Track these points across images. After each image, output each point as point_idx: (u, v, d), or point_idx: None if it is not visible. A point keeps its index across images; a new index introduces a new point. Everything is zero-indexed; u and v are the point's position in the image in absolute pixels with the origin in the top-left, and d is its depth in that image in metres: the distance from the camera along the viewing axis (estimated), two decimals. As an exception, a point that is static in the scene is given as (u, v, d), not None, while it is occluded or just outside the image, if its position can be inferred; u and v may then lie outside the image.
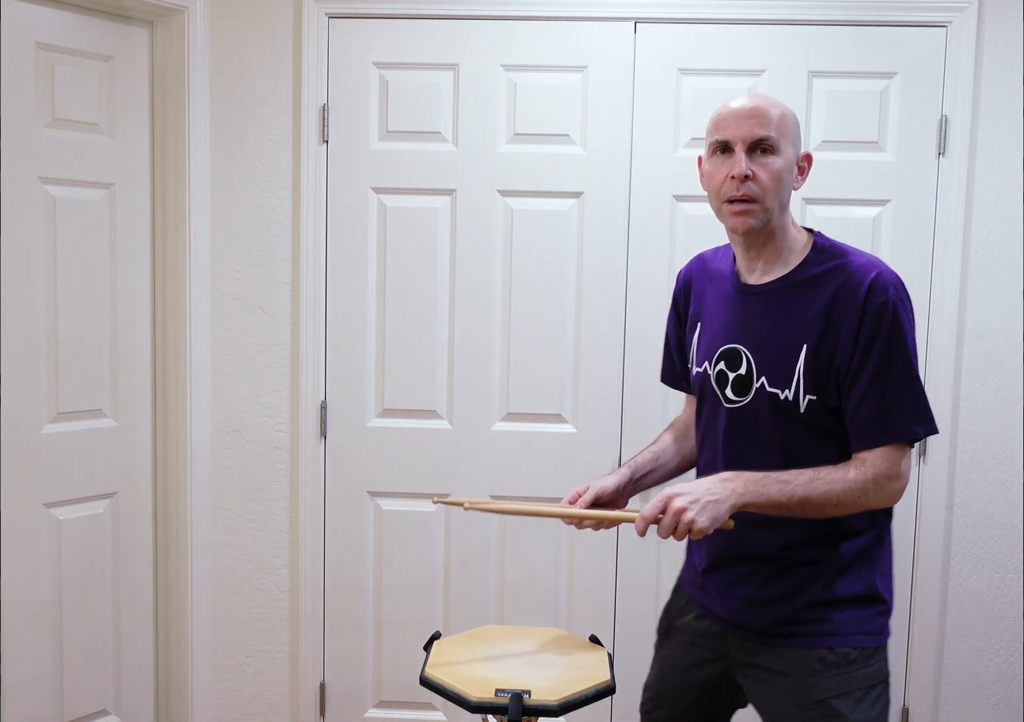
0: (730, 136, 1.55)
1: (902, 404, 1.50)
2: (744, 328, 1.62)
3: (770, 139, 1.53)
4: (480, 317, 2.54)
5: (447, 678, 1.72)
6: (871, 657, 1.57)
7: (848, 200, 2.46)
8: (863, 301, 1.50)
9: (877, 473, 1.49)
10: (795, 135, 1.58)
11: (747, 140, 1.53)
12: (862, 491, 1.49)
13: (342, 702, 2.65)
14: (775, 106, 1.56)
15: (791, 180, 1.58)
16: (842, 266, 1.55)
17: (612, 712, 2.60)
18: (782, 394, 1.56)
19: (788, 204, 1.59)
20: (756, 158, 1.54)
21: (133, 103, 2.46)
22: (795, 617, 1.58)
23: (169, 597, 2.60)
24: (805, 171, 1.62)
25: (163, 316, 2.54)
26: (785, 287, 1.58)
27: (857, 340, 1.50)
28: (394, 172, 2.52)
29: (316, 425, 2.57)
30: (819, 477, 1.48)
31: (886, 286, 1.51)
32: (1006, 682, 2.55)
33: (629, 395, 2.53)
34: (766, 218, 1.56)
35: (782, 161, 1.55)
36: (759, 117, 1.54)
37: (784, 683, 1.58)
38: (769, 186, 1.54)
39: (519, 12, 2.45)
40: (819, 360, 1.53)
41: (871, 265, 1.54)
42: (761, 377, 1.58)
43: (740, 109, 1.55)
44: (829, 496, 1.48)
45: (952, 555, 2.52)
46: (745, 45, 2.44)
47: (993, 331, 2.46)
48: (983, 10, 2.39)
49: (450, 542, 2.59)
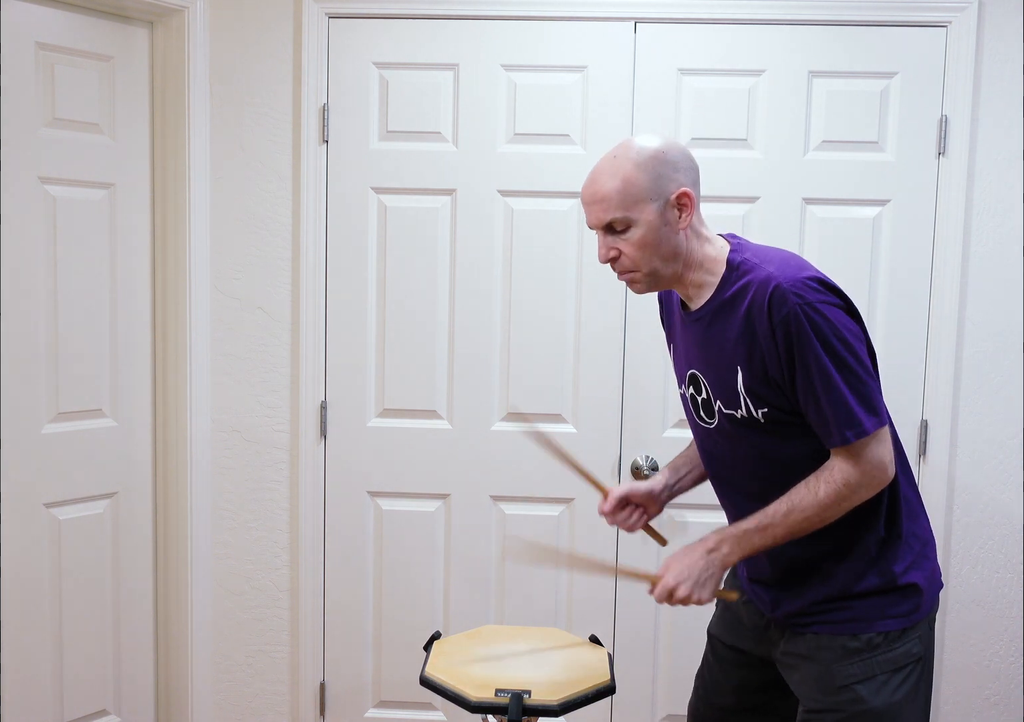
0: (589, 223, 1.60)
1: (831, 411, 1.49)
2: (695, 354, 1.66)
3: (615, 220, 1.55)
4: (480, 317, 2.54)
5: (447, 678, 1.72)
6: (896, 640, 1.58)
7: (848, 200, 2.46)
8: (768, 317, 1.49)
9: (847, 479, 1.50)
10: (650, 191, 1.54)
11: (599, 226, 1.57)
12: (839, 499, 1.51)
13: (342, 702, 2.65)
14: (612, 177, 1.54)
15: (665, 234, 1.56)
16: (748, 284, 1.53)
17: (612, 712, 2.60)
18: (738, 414, 1.59)
19: (677, 253, 1.57)
20: (617, 237, 1.57)
21: (133, 103, 2.46)
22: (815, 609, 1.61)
23: (169, 597, 2.60)
24: (688, 207, 1.57)
25: (163, 316, 2.54)
26: (711, 313, 1.60)
27: (779, 355, 1.50)
28: (394, 172, 2.52)
29: (316, 425, 2.57)
30: (794, 508, 1.52)
31: (784, 297, 1.47)
32: (1006, 682, 2.55)
33: (629, 395, 2.53)
34: (652, 280, 1.60)
35: (641, 230, 1.55)
36: (599, 203, 1.56)
37: (809, 668, 1.61)
38: (635, 256, 1.57)
39: (519, 12, 2.45)
40: (755, 377, 1.54)
41: (770, 278, 1.50)
42: (717, 401, 1.62)
43: (585, 195, 1.59)
44: (810, 521, 1.53)
45: (952, 555, 2.52)
46: (745, 45, 2.44)
47: (993, 331, 2.46)
48: (983, 10, 2.39)
49: (450, 542, 2.59)
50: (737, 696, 1.79)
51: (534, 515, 2.56)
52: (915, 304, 2.47)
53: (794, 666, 1.64)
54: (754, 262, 1.55)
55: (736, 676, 1.79)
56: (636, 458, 2.52)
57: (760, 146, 2.46)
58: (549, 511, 2.56)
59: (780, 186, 2.46)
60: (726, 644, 1.80)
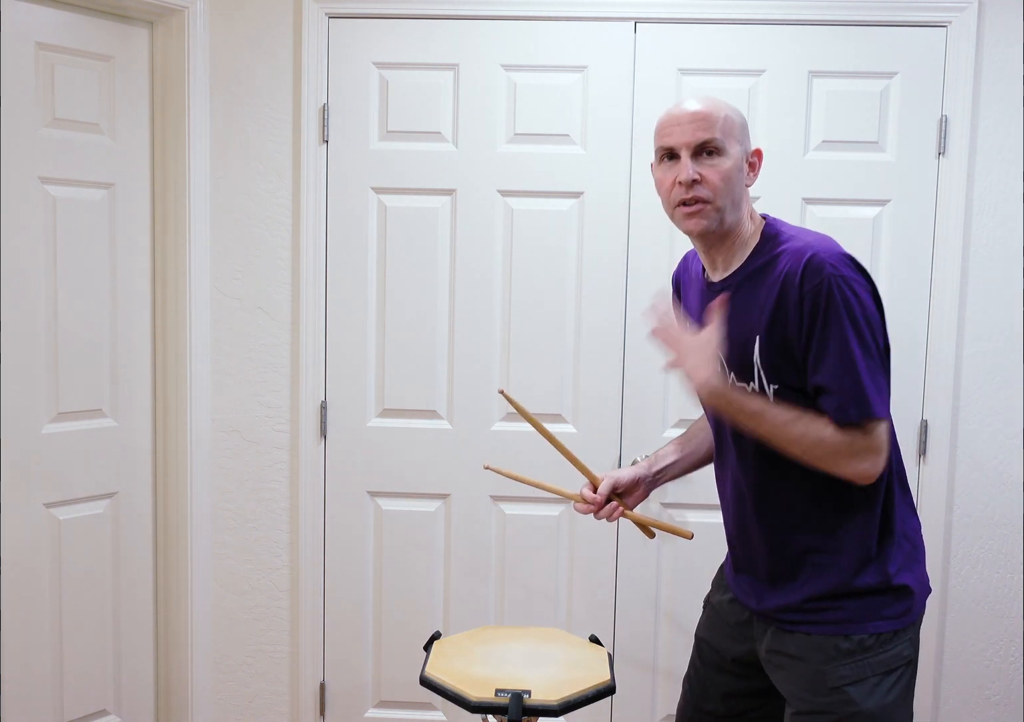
0: (674, 142, 1.57)
1: (844, 385, 1.49)
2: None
3: (714, 141, 1.55)
4: (480, 317, 2.54)
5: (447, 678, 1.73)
6: (888, 642, 1.57)
7: (848, 200, 2.46)
8: (799, 285, 1.49)
9: (850, 446, 1.49)
10: (741, 134, 1.59)
11: (691, 145, 1.55)
12: (832, 452, 1.49)
13: (342, 702, 2.65)
14: (718, 108, 1.57)
15: (741, 178, 1.59)
16: (782, 253, 1.54)
17: (612, 712, 2.60)
18: (748, 387, 1.57)
19: (742, 201, 1.59)
20: (703, 161, 1.55)
21: (133, 103, 2.46)
22: (808, 606, 1.59)
23: (169, 597, 2.60)
24: (756, 167, 1.63)
25: (163, 316, 2.54)
26: (738, 282, 1.60)
27: (801, 324, 1.50)
28: (394, 172, 2.52)
29: (316, 425, 2.57)
30: (796, 422, 1.50)
31: (821, 266, 1.48)
32: (1006, 682, 2.55)
33: (629, 395, 2.53)
34: (719, 218, 1.57)
35: (730, 161, 1.56)
36: (701, 121, 1.55)
37: (799, 669, 1.59)
38: (719, 186, 1.55)
39: (519, 12, 2.45)
40: (772, 349, 1.53)
41: (807, 247, 1.52)
42: (731, 373, 1.60)
43: (682, 114, 1.57)
44: (796, 444, 1.51)
45: (952, 555, 2.52)
46: (745, 45, 2.44)
47: (993, 331, 2.46)
48: (983, 10, 2.39)
49: (450, 542, 2.59)
50: (724, 701, 1.78)
51: (534, 515, 2.57)
52: (915, 304, 2.47)
53: (781, 665, 1.63)
54: (789, 234, 1.58)
55: (722, 681, 1.77)
56: (636, 458, 2.52)
57: (760, 146, 2.45)
58: (549, 511, 2.56)
59: (780, 186, 2.46)
60: (712, 647, 1.79)
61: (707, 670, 1.80)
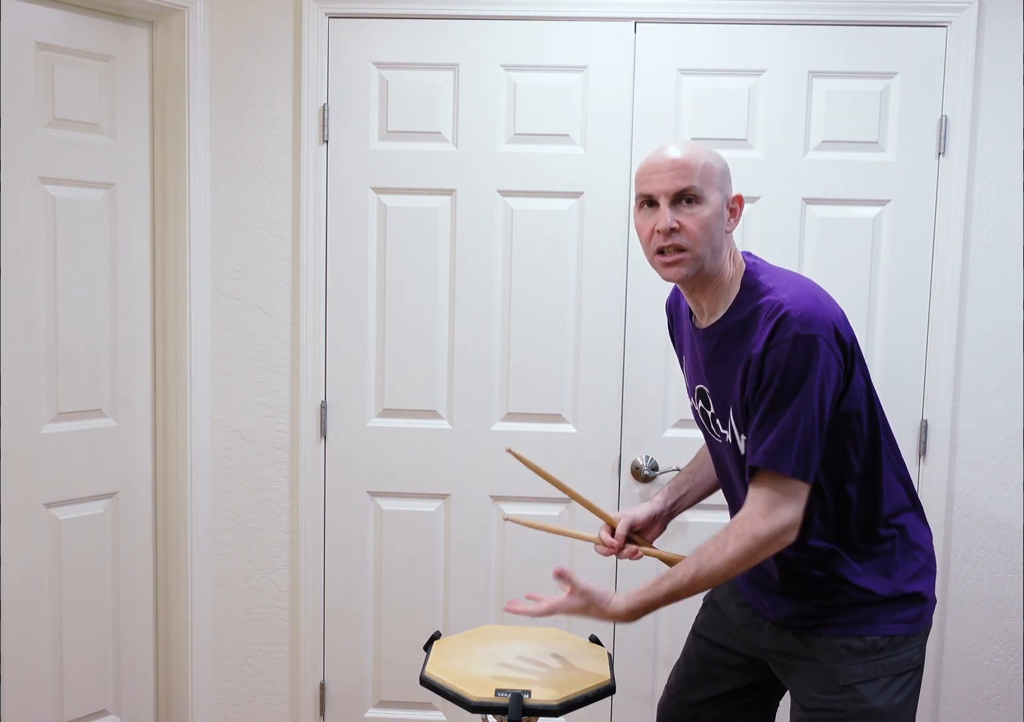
0: (653, 190, 1.56)
1: (767, 432, 1.49)
2: (702, 370, 1.66)
3: (693, 189, 1.54)
4: (480, 317, 2.54)
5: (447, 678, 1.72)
6: (900, 645, 1.59)
7: (848, 200, 2.46)
8: (766, 342, 1.49)
9: (755, 531, 1.49)
10: (721, 180, 1.57)
11: (670, 193, 1.54)
12: (747, 555, 1.51)
13: (342, 702, 2.65)
14: (697, 155, 1.56)
15: (721, 225, 1.57)
16: (759, 308, 1.53)
17: (612, 712, 2.60)
18: (728, 436, 1.61)
19: (722, 248, 1.58)
20: (681, 209, 1.54)
21: (133, 103, 2.46)
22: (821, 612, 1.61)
23: (169, 597, 2.60)
24: (737, 213, 1.61)
25: (163, 316, 2.54)
26: (721, 332, 1.60)
27: (760, 376, 1.50)
28: (394, 172, 2.52)
29: (316, 425, 2.57)
30: (702, 567, 1.52)
31: (789, 325, 1.47)
32: (1006, 682, 2.55)
33: (629, 395, 2.53)
34: (698, 266, 1.56)
35: (709, 209, 1.55)
36: (680, 169, 1.54)
37: (811, 668, 1.61)
38: (697, 235, 1.54)
39: (519, 12, 2.45)
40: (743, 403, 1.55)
41: (782, 304, 1.50)
42: (717, 418, 1.63)
43: (661, 162, 1.56)
44: (717, 577, 1.53)
45: (952, 555, 2.52)
46: (745, 45, 2.44)
47: (993, 331, 2.46)
48: (983, 10, 2.39)
49: (450, 542, 2.59)
50: (715, 694, 1.79)
51: (534, 515, 2.56)
52: (915, 304, 2.47)
53: (792, 666, 1.64)
54: (769, 286, 1.55)
55: (720, 675, 1.78)
56: (636, 458, 2.52)
57: (760, 146, 2.46)
58: (549, 511, 2.56)
59: (780, 186, 2.46)
60: (714, 643, 1.79)
61: (705, 665, 1.81)
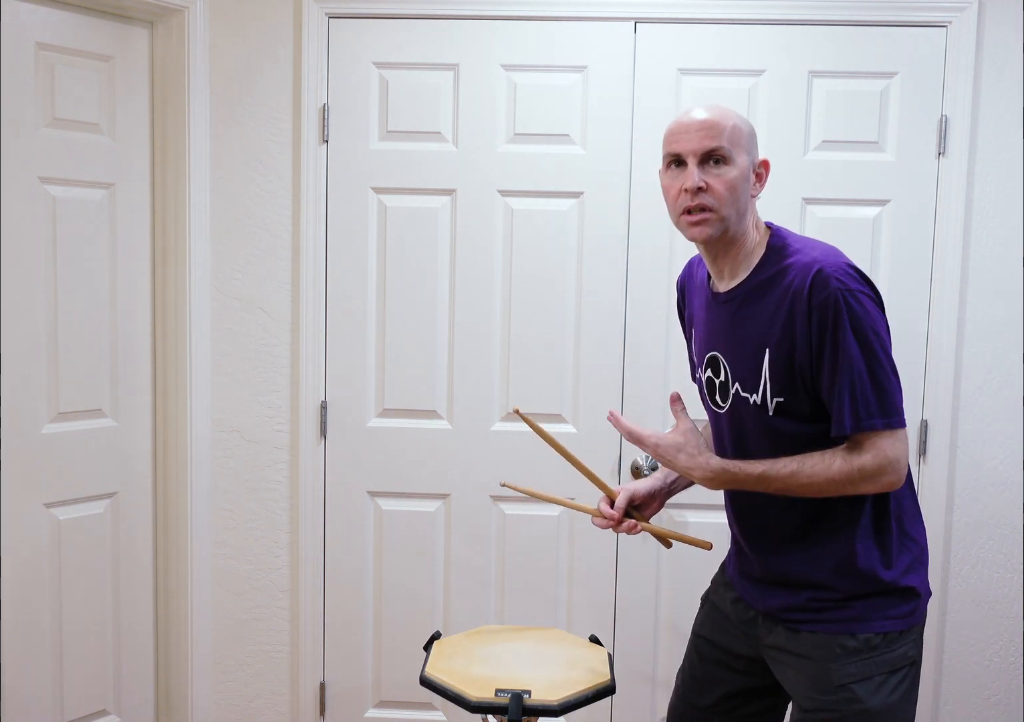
0: (682, 149, 1.57)
1: (850, 398, 1.50)
2: (719, 336, 1.66)
3: (721, 150, 1.56)
4: (480, 317, 2.54)
5: (447, 678, 1.73)
6: (895, 641, 1.58)
7: (848, 200, 2.46)
8: (807, 299, 1.50)
9: (863, 465, 1.51)
10: (749, 144, 1.60)
11: (698, 153, 1.56)
12: (847, 481, 1.51)
13: (342, 702, 2.65)
14: (726, 117, 1.58)
15: (747, 188, 1.59)
16: (788, 267, 1.55)
17: (612, 712, 2.60)
18: (751, 398, 1.59)
19: (747, 211, 1.60)
20: (709, 169, 1.56)
21: (133, 103, 2.46)
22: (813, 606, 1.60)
23: (169, 597, 2.60)
24: (763, 177, 1.64)
25: (163, 316, 2.54)
26: (744, 293, 1.61)
27: (810, 339, 1.51)
28: (394, 172, 2.52)
29: (316, 425, 2.57)
30: (801, 472, 1.52)
31: (827, 280, 1.50)
32: (1006, 682, 2.55)
33: (629, 395, 2.53)
34: (723, 227, 1.58)
35: (736, 171, 1.57)
36: (709, 129, 1.56)
37: (806, 667, 1.60)
38: (724, 195, 1.56)
39: (519, 12, 2.45)
40: (780, 363, 1.55)
41: (814, 262, 1.53)
42: (735, 383, 1.62)
43: (690, 122, 1.58)
44: (810, 489, 1.53)
45: (952, 555, 2.52)
46: (745, 45, 2.44)
47: (993, 331, 2.46)
48: (983, 10, 2.39)
49: (450, 542, 2.59)
50: (720, 698, 1.78)
51: (534, 515, 2.57)
52: (915, 304, 2.47)
53: (788, 663, 1.64)
54: (796, 247, 1.58)
55: (720, 676, 1.78)
56: (636, 458, 2.52)
57: (760, 146, 2.45)
58: (549, 511, 2.56)
59: (780, 186, 2.45)
60: (713, 643, 1.79)
61: (705, 666, 1.80)
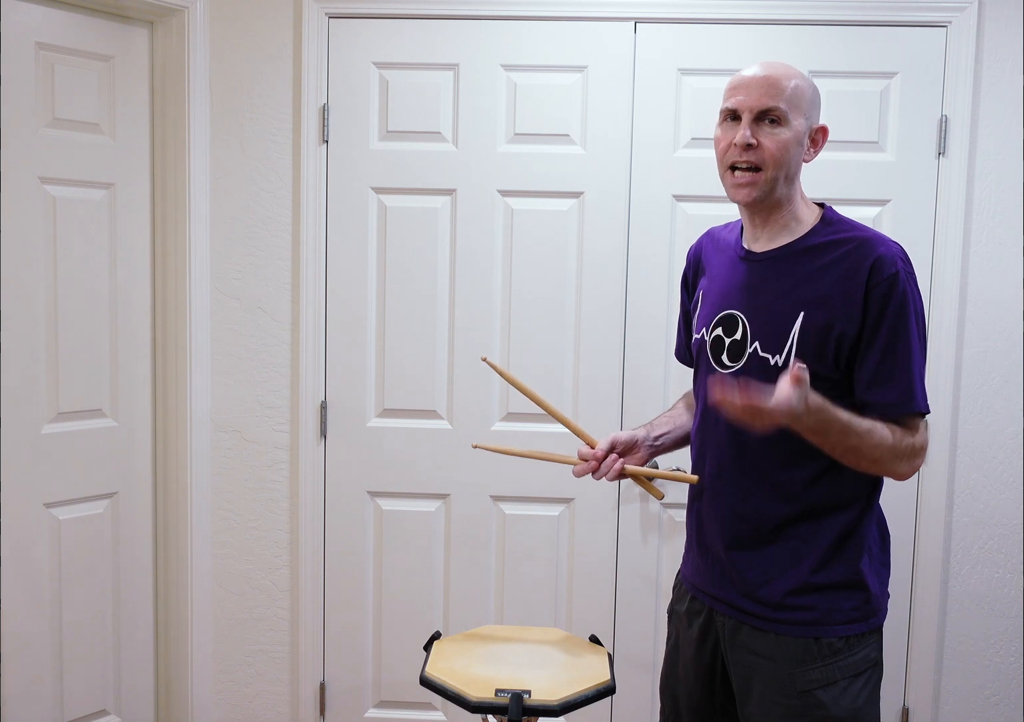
0: (738, 104, 1.55)
1: (916, 379, 1.52)
2: (743, 294, 1.62)
3: (777, 110, 1.53)
4: (480, 317, 2.54)
5: (447, 678, 1.73)
6: (856, 645, 1.57)
7: (848, 200, 2.45)
8: (868, 276, 1.50)
9: (912, 443, 1.52)
10: (809, 107, 1.57)
11: (754, 109, 1.53)
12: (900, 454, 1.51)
13: (342, 702, 2.65)
14: (790, 76, 1.55)
15: (800, 152, 1.57)
16: (848, 239, 1.55)
17: (612, 712, 2.60)
18: (772, 359, 1.55)
19: (796, 176, 1.58)
20: (763, 128, 1.54)
21: (133, 103, 2.46)
22: (781, 602, 1.57)
23: (169, 597, 2.60)
24: (819, 143, 1.61)
25: (163, 316, 2.54)
26: (787, 254, 1.58)
27: (865, 315, 1.50)
28: (394, 172, 2.52)
29: (316, 425, 2.57)
30: (872, 432, 1.48)
31: (893, 260, 1.50)
32: (1006, 682, 2.55)
33: (629, 395, 2.53)
34: (769, 188, 1.55)
35: (790, 133, 1.54)
36: (769, 87, 1.53)
37: (769, 669, 1.58)
38: (775, 155, 1.53)
39: (519, 12, 2.45)
40: (816, 328, 1.52)
41: (878, 240, 1.54)
42: (755, 342, 1.58)
43: (752, 77, 1.55)
44: (868, 453, 1.49)
45: (952, 555, 2.52)
46: (745, 45, 2.44)
47: (993, 331, 2.46)
48: (983, 10, 2.39)
49: (450, 542, 2.59)
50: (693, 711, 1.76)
51: (534, 515, 2.57)
52: (915, 304, 2.47)
53: (753, 666, 1.60)
54: (852, 224, 1.59)
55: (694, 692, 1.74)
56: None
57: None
58: (549, 511, 2.56)
59: (780, 186, 2.45)
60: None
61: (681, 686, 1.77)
